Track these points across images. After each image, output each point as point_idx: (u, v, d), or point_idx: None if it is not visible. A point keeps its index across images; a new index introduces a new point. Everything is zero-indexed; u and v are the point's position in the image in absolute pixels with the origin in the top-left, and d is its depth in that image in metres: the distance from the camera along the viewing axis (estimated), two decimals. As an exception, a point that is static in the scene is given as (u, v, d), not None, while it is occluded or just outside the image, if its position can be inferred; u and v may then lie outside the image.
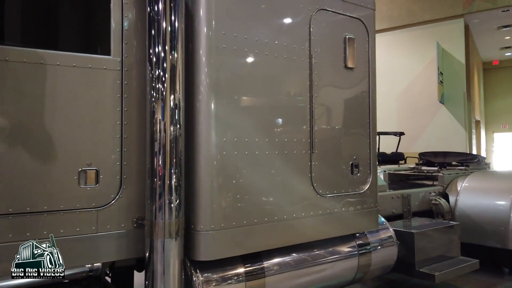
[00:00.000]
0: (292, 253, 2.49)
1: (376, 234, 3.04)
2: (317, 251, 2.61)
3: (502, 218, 3.91)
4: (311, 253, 2.57)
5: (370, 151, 2.79)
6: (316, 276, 2.59)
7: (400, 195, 4.10)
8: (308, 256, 2.55)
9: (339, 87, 2.64)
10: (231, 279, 2.20)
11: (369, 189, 2.76)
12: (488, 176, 4.44)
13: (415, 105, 12.71)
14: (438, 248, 3.53)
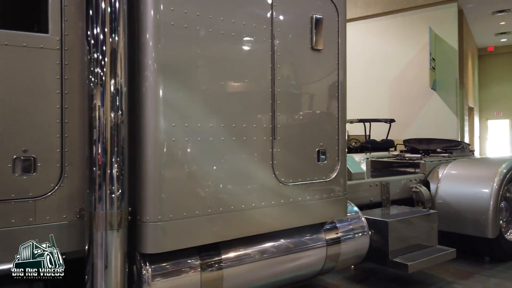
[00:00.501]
0: (254, 244, 2.38)
1: (347, 223, 2.94)
2: (282, 242, 2.51)
3: (482, 206, 3.82)
4: (274, 244, 2.48)
5: (338, 137, 2.67)
6: (280, 267, 2.49)
7: (378, 182, 4.01)
8: (271, 247, 2.45)
9: (305, 70, 2.51)
10: (184, 272, 2.10)
11: (337, 177, 2.65)
12: (470, 163, 4.34)
13: (407, 92, 12.57)
14: (414, 237, 3.45)
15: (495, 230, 3.78)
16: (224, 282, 2.23)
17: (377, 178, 4.06)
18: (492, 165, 4.12)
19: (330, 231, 2.79)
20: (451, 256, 3.47)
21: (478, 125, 20.89)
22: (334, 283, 3.56)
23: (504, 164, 4.09)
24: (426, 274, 3.70)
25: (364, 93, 13.43)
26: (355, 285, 3.51)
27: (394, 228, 3.26)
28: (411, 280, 3.56)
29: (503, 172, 3.98)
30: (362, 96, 13.50)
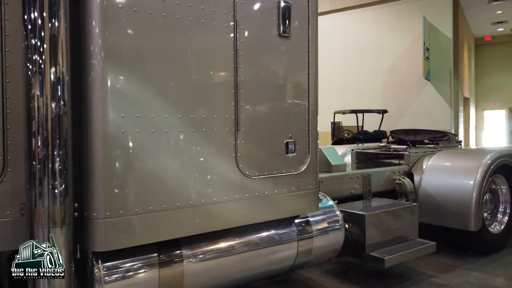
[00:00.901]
0: (218, 239, 2.29)
1: (320, 217, 2.85)
2: (249, 237, 2.42)
3: (464, 199, 3.74)
4: (241, 239, 2.39)
5: (309, 128, 2.56)
6: (247, 263, 2.41)
7: (360, 174, 3.92)
8: (237, 242, 2.36)
9: (271, 58, 2.39)
10: (140, 269, 2.01)
11: (307, 170, 2.55)
12: (454, 154, 4.25)
13: (401, 82, 12.44)
14: (393, 230, 3.37)
15: (478, 222, 3.70)
16: (185, 280, 2.15)
17: (359, 170, 3.97)
18: (477, 156, 4.03)
19: (302, 225, 2.70)
20: (431, 249, 3.40)
21: (474, 115, 20.79)
22: (312, 277, 3.48)
23: (488, 155, 4.00)
24: (406, 268, 3.63)
25: (357, 84, 13.30)
26: (333, 279, 3.43)
27: (372, 221, 3.18)
28: (390, 274, 3.49)
29: (487, 163, 3.89)
30: (355, 87, 13.37)
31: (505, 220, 4.17)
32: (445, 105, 11.85)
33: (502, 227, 4.13)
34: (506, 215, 4.20)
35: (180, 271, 2.13)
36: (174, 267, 2.11)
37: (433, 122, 11.93)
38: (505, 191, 4.26)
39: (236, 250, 2.35)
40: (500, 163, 4.01)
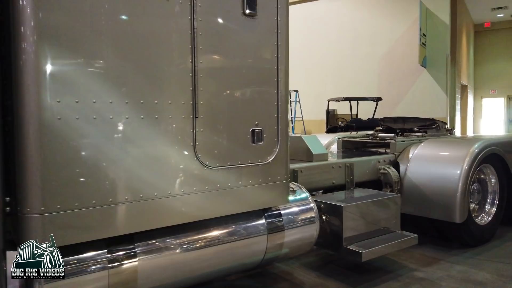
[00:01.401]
0: (177, 234, 2.15)
1: (293, 209, 2.71)
2: (212, 231, 2.28)
3: (450, 189, 3.59)
4: (203, 234, 2.24)
5: (278, 115, 2.39)
6: (210, 260, 2.26)
7: (342, 164, 3.76)
8: (198, 237, 2.22)
9: (235, 39, 2.21)
10: (87, 269, 1.86)
11: (276, 160, 2.39)
12: (441, 143, 4.08)
13: (397, 70, 12.20)
14: (374, 222, 3.23)
15: (463, 214, 3.56)
16: (139, 278, 2.01)
17: (341, 160, 3.82)
18: (464, 145, 3.87)
19: (272, 219, 2.55)
20: (412, 242, 3.26)
21: (472, 103, 20.58)
22: (289, 270, 3.36)
23: (476, 144, 3.84)
24: (388, 260, 3.50)
25: (352, 71, 13.06)
26: (310, 272, 3.31)
27: (349, 213, 3.04)
28: (371, 267, 3.36)
29: (474, 152, 3.73)
30: (350, 74, 13.13)
31: (493, 211, 4.03)
32: (441, 93, 11.65)
33: (489, 218, 3.99)
34: (494, 206, 4.06)
35: (134, 269, 1.99)
36: (127, 265, 1.97)
37: (428, 110, 11.74)
38: (494, 181, 4.11)
39: (197, 246, 2.21)
40: (489, 152, 3.86)
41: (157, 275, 2.07)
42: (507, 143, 4.19)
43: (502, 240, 4.01)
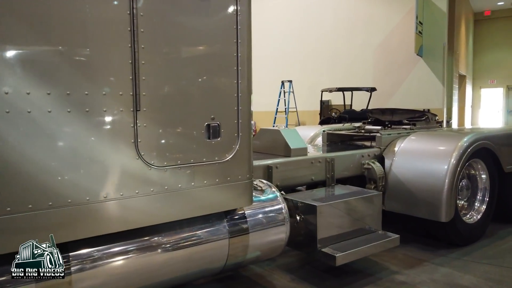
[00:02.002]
0: (122, 242, 1.92)
1: (259, 211, 2.48)
2: (164, 237, 2.05)
3: (435, 186, 3.36)
4: (153, 240, 2.02)
5: (238, 108, 2.15)
6: (161, 269, 2.04)
7: (322, 159, 3.53)
8: (148, 245, 1.99)
9: (185, 21, 1.95)
10: (12, 282, 1.64)
11: (236, 158, 2.15)
12: (429, 136, 3.84)
13: (393, 59, 11.88)
14: (351, 222, 3.01)
15: (450, 212, 3.33)
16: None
17: (321, 154, 3.58)
18: (452, 139, 3.63)
19: (234, 221, 2.33)
20: (393, 244, 3.05)
21: (471, 94, 20.28)
22: (262, 273, 3.15)
23: (466, 137, 3.60)
24: (369, 262, 3.29)
25: (347, 61, 12.74)
26: (285, 275, 3.10)
27: (325, 213, 2.81)
28: (350, 269, 3.15)
29: (463, 146, 3.49)
30: (345, 64, 12.81)
31: (482, 209, 3.81)
32: (438, 83, 11.35)
33: (479, 216, 3.77)
34: (484, 203, 3.84)
35: (67, 281, 1.77)
36: (60, 277, 1.74)
37: (424, 101, 11.47)
38: (485, 177, 3.88)
39: (145, 254, 1.98)
40: (479, 147, 3.62)
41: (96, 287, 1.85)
42: (499, 136, 3.96)
43: (492, 239, 3.80)
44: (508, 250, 3.55)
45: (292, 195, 3.12)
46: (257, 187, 2.57)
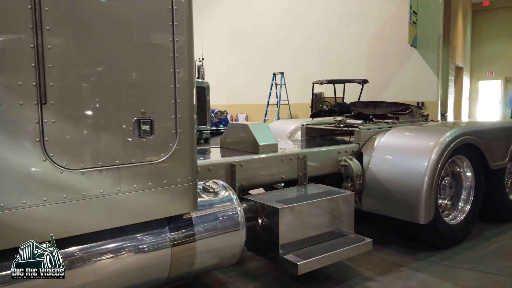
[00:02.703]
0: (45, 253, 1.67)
1: (209, 216, 2.22)
2: (90, 249, 1.79)
3: (414, 185, 3.11)
4: (76, 252, 1.76)
5: (176, 101, 1.88)
6: (87, 285, 1.79)
7: (293, 156, 3.27)
8: (73, 258, 1.74)
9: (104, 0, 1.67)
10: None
11: (174, 157, 1.89)
12: (410, 131, 3.57)
13: (386, 50, 11.56)
14: (320, 225, 2.76)
15: (429, 214, 3.08)
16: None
17: (292, 151, 3.32)
18: (435, 134, 3.36)
19: (178, 229, 2.07)
20: (364, 249, 2.80)
21: (468, 86, 19.97)
22: (224, 279, 2.90)
23: (449, 132, 3.34)
24: (342, 267, 3.05)
25: (339, 52, 12.42)
26: (249, 282, 2.86)
27: (288, 216, 2.56)
28: (320, 274, 2.91)
29: (445, 141, 3.23)
30: (337, 55, 12.49)
31: (466, 209, 3.55)
32: (432, 75, 11.05)
33: (462, 217, 3.52)
34: (468, 203, 3.58)
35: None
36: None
37: (418, 93, 11.19)
38: (469, 175, 3.62)
39: (69, 269, 1.73)
40: (462, 142, 3.36)
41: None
42: (485, 131, 3.69)
43: (476, 241, 3.55)
44: (492, 253, 3.30)
45: (255, 196, 2.86)
46: (209, 189, 2.31)
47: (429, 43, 11.06)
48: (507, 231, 3.79)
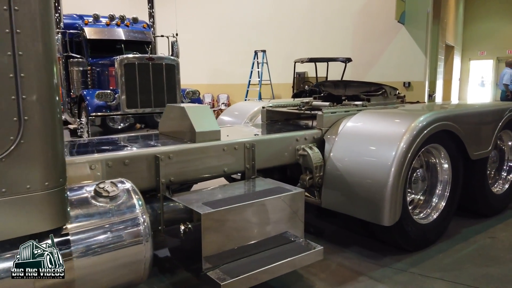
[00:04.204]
0: None
1: (97, 230, 1.71)
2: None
3: (378, 179, 2.61)
4: None
5: (17, 80, 1.33)
6: None
7: (239, 145, 2.76)
8: None
9: None
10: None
11: (17, 156, 1.35)
12: (379, 115, 3.05)
13: (372, 26, 10.92)
14: (260, 231, 2.27)
15: (394, 214, 2.61)
16: None
17: (237, 139, 2.80)
18: (406, 118, 2.86)
19: (45, 248, 1.55)
20: (313, 258, 2.32)
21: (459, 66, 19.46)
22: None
23: (422, 116, 2.83)
24: (293, 275, 2.58)
25: (323, 29, 11.74)
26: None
27: (214, 223, 2.06)
28: (265, 286, 2.43)
29: (417, 127, 2.72)
30: (321, 33, 11.82)
31: (441, 206, 3.08)
32: (420, 53, 10.48)
33: (436, 215, 3.05)
34: (443, 199, 3.11)
35: None
36: None
37: (405, 72, 10.65)
38: (446, 166, 3.13)
39: None
40: (438, 129, 2.86)
41: None
42: (467, 115, 3.19)
43: (452, 242, 3.10)
44: (469, 257, 2.85)
45: (181, 196, 2.36)
46: (102, 193, 1.79)
47: (418, 20, 10.44)
48: (488, 229, 3.35)
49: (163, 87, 7.48)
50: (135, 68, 7.20)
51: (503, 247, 2.99)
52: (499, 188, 3.72)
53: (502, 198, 3.67)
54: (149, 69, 7.30)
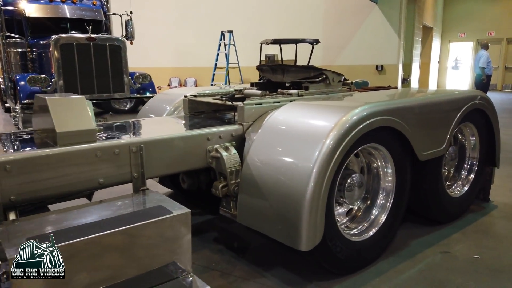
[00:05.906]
0: None
1: None
2: None
3: (294, 189, 2.04)
4: None
5: None
6: None
7: (122, 148, 2.15)
8: None
9: None
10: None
11: None
12: (309, 107, 2.46)
13: (344, 5, 10.28)
14: (128, 266, 1.68)
15: (314, 235, 2.04)
16: None
17: (121, 140, 2.19)
18: (338, 111, 2.27)
19: None
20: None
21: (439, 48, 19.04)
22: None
23: (357, 109, 2.24)
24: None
25: (294, 8, 11.04)
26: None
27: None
28: None
29: (349, 122, 2.14)
30: (292, 12, 11.12)
31: (381, 220, 2.53)
32: (393, 34, 9.93)
33: (374, 230, 2.50)
34: (385, 211, 2.56)
35: None
36: None
37: (378, 55, 10.10)
38: (390, 171, 2.58)
39: None
40: (377, 125, 2.29)
41: None
42: (414, 108, 2.62)
43: (394, 260, 2.57)
44: (412, 281, 2.33)
45: (8, 224, 1.74)
46: None
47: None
48: (441, 240, 2.84)
49: (107, 70, 6.76)
50: (73, 49, 6.45)
51: (454, 267, 2.48)
52: (458, 190, 3.21)
53: (460, 202, 3.16)
54: (90, 51, 6.56)
